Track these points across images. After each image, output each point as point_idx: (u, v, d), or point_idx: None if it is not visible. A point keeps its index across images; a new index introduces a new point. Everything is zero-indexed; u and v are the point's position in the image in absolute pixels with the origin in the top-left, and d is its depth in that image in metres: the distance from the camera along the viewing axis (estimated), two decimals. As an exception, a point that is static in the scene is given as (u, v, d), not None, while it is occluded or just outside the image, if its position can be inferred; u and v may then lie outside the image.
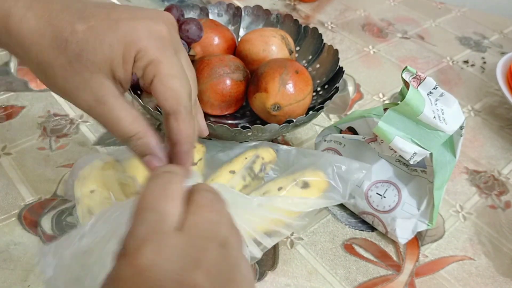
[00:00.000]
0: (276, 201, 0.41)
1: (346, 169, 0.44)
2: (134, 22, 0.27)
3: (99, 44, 0.26)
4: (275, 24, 0.66)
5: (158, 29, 0.28)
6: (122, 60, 0.27)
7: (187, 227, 0.24)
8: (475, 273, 0.48)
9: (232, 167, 0.45)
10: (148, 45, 0.27)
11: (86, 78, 0.27)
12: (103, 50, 0.26)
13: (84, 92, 0.27)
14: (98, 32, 0.26)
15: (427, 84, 0.43)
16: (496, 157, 0.62)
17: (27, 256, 0.44)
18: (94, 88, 0.27)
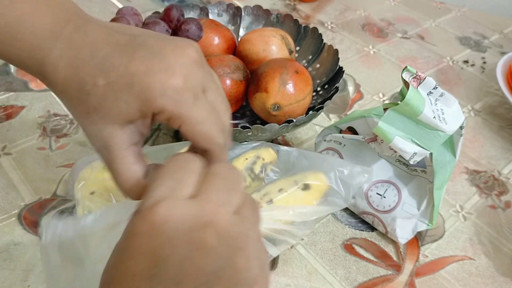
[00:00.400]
0: (276, 213, 0.41)
1: (348, 174, 0.44)
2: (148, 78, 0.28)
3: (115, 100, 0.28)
4: (275, 24, 0.66)
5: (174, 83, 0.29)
6: (139, 115, 0.29)
7: (201, 194, 0.25)
8: (475, 273, 0.48)
9: (232, 168, 0.45)
10: (164, 103, 0.28)
11: (100, 128, 0.29)
12: (119, 105, 0.28)
13: (96, 139, 0.29)
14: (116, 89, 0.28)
15: (427, 84, 0.43)
16: (496, 157, 0.62)
17: (27, 256, 0.44)
18: (104, 138, 0.29)
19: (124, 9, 0.51)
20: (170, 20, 0.52)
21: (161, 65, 0.29)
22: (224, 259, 0.24)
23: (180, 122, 0.29)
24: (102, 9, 0.81)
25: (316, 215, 0.43)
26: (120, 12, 0.51)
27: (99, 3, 0.82)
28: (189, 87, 0.29)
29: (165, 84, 0.28)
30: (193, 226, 0.24)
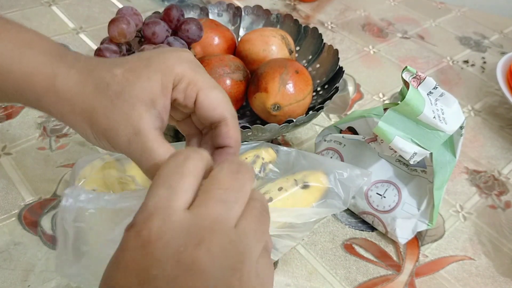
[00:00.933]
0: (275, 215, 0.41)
1: (348, 176, 0.44)
2: (164, 55, 0.30)
3: (137, 79, 0.29)
4: (275, 24, 0.66)
5: (186, 55, 0.31)
6: (161, 88, 0.29)
7: (196, 206, 0.24)
8: (475, 273, 0.48)
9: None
10: (183, 69, 0.30)
11: (127, 112, 0.28)
12: (142, 83, 0.29)
13: (125, 126, 0.29)
14: (135, 70, 0.29)
15: (427, 84, 0.43)
16: (496, 157, 0.62)
17: (27, 256, 0.44)
18: (134, 121, 0.28)
19: (124, 9, 0.51)
20: (170, 20, 0.52)
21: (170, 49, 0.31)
22: (217, 280, 0.22)
23: (198, 88, 0.30)
24: (102, 9, 0.81)
25: (315, 217, 0.43)
26: (120, 12, 0.51)
27: (99, 3, 0.83)
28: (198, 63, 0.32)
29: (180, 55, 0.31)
30: (185, 245, 0.22)
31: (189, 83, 0.30)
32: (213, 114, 0.30)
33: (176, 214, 0.23)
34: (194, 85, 0.30)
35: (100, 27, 0.77)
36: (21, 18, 0.76)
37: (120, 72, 0.29)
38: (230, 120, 0.31)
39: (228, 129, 0.31)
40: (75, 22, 0.77)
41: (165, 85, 0.29)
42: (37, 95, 0.30)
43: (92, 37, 0.74)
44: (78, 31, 0.75)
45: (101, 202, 0.32)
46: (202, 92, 0.30)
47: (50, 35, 0.73)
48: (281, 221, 0.41)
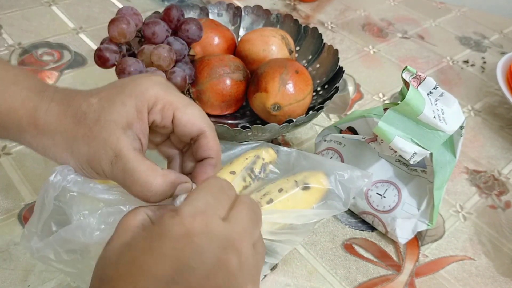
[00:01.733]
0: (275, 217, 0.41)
1: (348, 177, 0.44)
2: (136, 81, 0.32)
3: (112, 105, 0.30)
4: (275, 24, 0.66)
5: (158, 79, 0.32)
6: (136, 112, 0.30)
7: (232, 219, 0.27)
8: (475, 273, 0.48)
9: (233, 168, 0.45)
10: (156, 91, 0.31)
11: (106, 137, 0.30)
12: (117, 108, 0.30)
13: (106, 150, 0.30)
14: (110, 97, 0.31)
15: (427, 84, 0.43)
16: (496, 157, 0.62)
17: (27, 256, 0.44)
18: (113, 144, 0.30)
19: (124, 9, 0.51)
20: (170, 20, 0.52)
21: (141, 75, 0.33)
22: (239, 285, 0.25)
23: (174, 107, 0.31)
24: (102, 9, 0.81)
25: (316, 218, 0.43)
26: (120, 12, 0.51)
27: (99, 3, 0.83)
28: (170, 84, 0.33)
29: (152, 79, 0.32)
30: (223, 247, 0.25)
31: (164, 104, 0.31)
32: (192, 129, 0.32)
33: (218, 220, 0.26)
34: (169, 105, 0.31)
35: (100, 27, 0.77)
36: (21, 18, 0.76)
37: (96, 101, 0.31)
38: (209, 132, 0.32)
39: (208, 140, 0.32)
40: (75, 22, 0.77)
41: (140, 109, 0.31)
42: (20, 129, 0.31)
43: (92, 37, 0.74)
44: (78, 31, 0.75)
45: (85, 188, 0.33)
46: (178, 111, 0.31)
47: (50, 35, 0.73)
48: (281, 223, 0.41)
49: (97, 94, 0.31)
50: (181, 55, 0.52)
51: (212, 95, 0.53)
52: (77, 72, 0.67)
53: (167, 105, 0.31)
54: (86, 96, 0.31)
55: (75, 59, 0.69)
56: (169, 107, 0.31)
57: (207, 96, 0.54)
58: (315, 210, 0.43)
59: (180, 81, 0.50)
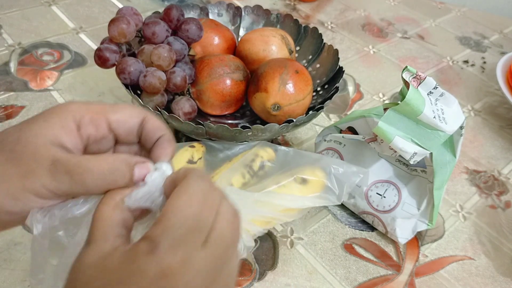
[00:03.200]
0: (273, 197, 0.41)
1: (343, 172, 0.44)
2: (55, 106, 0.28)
3: (32, 124, 0.27)
4: (275, 24, 0.66)
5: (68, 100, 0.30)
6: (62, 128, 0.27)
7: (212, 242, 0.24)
8: (475, 273, 0.48)
9: (231, 166, 0.45)
10: (78, 106, 0.28)
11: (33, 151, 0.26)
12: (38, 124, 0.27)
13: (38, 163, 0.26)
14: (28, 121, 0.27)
15: (427, 84, 0.43)
16: (496, 157, 0.62)
17: (27, 256, 0.44)
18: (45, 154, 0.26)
19: (124, 9, 0.51)
20: (170, 20, 0.52)
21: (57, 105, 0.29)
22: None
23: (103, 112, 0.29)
24: (102, 9, 0.81)
25: (308, 204, 0.43)
26: (120, 12, 0.51)
27: (99, 3, 0.83)
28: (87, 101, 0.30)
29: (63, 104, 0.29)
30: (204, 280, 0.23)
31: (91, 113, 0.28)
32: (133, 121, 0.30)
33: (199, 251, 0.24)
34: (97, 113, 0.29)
35: (100, 27, 0.77)
36: (21, 18, 0.76)
37: (13, 127, 0.27)
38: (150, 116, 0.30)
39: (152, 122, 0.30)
40: (75, 22, 0.77)
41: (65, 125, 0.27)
42: None
43: (92, 37, 0.74)
44: (78, 31, 0.75)
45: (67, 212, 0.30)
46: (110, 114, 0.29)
47: (50, 35, 0.73)
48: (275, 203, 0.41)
49: (14, 126, 0.27)
50: (181, 55, 0.52)
51: (212, 95, 0.53)
52: (77, 72, 0.67)
53: (95, 114, 0.28)
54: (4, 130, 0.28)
55: (75, 59, 0.69)
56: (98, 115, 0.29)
57: (207, 96, 0.54)
58: (308, 197, 0.43)
59: (180, 81, 0.50)
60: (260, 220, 0.42)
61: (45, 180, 0.26)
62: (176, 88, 0.51)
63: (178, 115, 0.51)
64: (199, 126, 0.47)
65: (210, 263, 0.24)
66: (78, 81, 0.65)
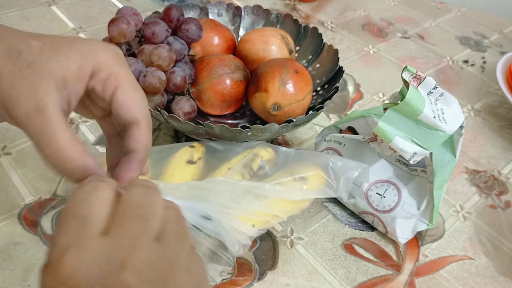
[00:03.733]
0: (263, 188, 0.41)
1: (341, 165, 0.45)
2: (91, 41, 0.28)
3: (54, 54, 0.26)
4: (275, 23, 0.66)
5: (114, 48, 0.29)
6: (77, 71, 0.27)
7: (113, 229, 0.23)
8: (475, 273, 0.48)
9: (231, 166, 0.45)
10: (107, 58, 0.28)
11: (34, 84, 0.25)
12: (58, 59, 0.26)
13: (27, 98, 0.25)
14: (54, 46, 0.27)
15: (427, 84, 0.43)
16: (496, 157, 0.62)
17: (27, 256, 0.44)
18: (38, 95, 0.25)
19: (124, 9, 0.51)
20: (170, 20, 0.52)
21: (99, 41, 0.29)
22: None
23: (118, 82, 0.28)
24: (102, 9, 0.81)
25: (305, 197, 0.43)
26: (120, 12, 0.51)
27: (99, 3, 0.83)
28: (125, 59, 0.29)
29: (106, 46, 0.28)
30: (108, 272, 0.21)
31: (110, 74, 0.27)
32: (127, 114, 0.28)
33: (93, 241, 0.22)
34: (114, 78, 0.28)
35: (100, 27, 0.77)
36: (21, 18, 0.76)
37: (37, 45, 0.26)
38: (143, 124, 0.28)
39: (140, 132, 0.28)
40: (75, 22, 0.77)
41: (83, 69, 0.27)
42: None
43: (92, 37, 0.74)
44: (78, 31, 0.75)
45: None
46: (120, 88, 0.28)
47: (50, 35, 0.73)
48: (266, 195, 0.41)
49: (41, 38, 0.27)
50: (181, 55, 0.52)
51: (212, 95, 0.53)
52: (77, 72, 0.67)
53: (112, 76, 0.27)
54: (27, 37, 0.27)
55: (75, 59, 0.69)
56: (114, 80, 0.28)
57: (207, 96, 0.54)
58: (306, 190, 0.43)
59: (180, 81, 0.50)
60: (253, 218, 0.42)
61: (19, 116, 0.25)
62: (176, 88, 0.51)
63: (178, 115, 0.51)
64: (199, 126, 0.47)
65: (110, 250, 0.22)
66: (78, 81, 0.65)
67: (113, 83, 0.28)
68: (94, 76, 0.27)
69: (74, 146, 0.26)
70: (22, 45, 0.26)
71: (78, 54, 0.27)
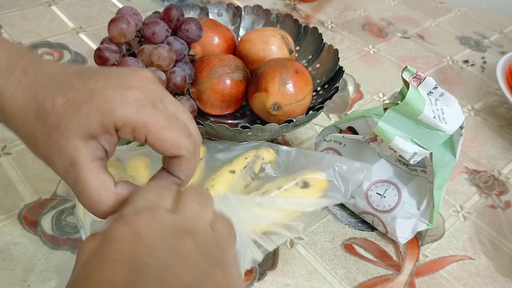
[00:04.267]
0: (277, 201, 0.41)
1: (348, 169, 0.44)
2: (107, 91, 0.28)
3: (76, 114, 0.28)
4: (275, 23, 0.66)
5: (131, 93, 0.29)
6: (100, 128, 0.28)
7: (178, 209, 0.27)
8: (475, 273, 0.48)
9: (232, 167, 0.45)
10: (125, 113, 0.28)
11: (63, 144, 0.28)
12: (79, 118, 0.28)
13: (61, 157, 0.28)
14: (75, 104, 0.28)
15: (427, 84, 0.43)
16: (496, 157, 0.62)
17: (27, 256, 0.44)
18: (69, 153, 0.28)
19: (124, 9, 0.51)
20: (170, 20, 0.52)
21: (118, 81, 0.29)
22: (203, 269, 0.24)
23: (145, 131, 0.28)
24: (102, 9, 0.81)
25: (315, 206, 0.43)
26: (120, 12, 0.51)
27: (99, 3, 0.82)
28: (147, 97, 0.29)
29: (123, 94, 0.28)
30: (174, 234, 0.25)
31: (134, 127, 0.28)
32: (166, 154, 0.30)
33: (164, 212, 0.26)
34: (140, 128, 0.28)
35: (100, 27, 0.77)
36: (21, 18, 0.76)
37: (61, 103, 0.28)
38: (186, 156, 0.30)
39: (181, 164, 0.30)
40: (75, 22, 0.77)
41: (105, 126, 0.28)
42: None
43: (92, 37, 0.74)
44: (78, 31, 0.75)
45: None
46: (150, 136, 0.28)
47: (50, 35, 0.73)
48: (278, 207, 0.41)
49: (65, 92, 0.29)
50: (181, 55, 0.52)
51: (212, 95, 0.53)
52: (77, 72, 0.67)
53: (137, 128, 0.28)
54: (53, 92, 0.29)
55: (75, 59, 0.69)
56: (140, 130, 0.28)
57: (207, 96, 0.54)
58: (315, 199, 0.43)
59: (180, 81, 0.50)
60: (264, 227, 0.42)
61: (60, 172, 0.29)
62: (176, 88, 0.51)
63: (178, 115, 0.51)
64: (199, 126, 0.47)
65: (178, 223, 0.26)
66: (78, 81, 0.65)
67: (142, 133, 0.28)
68: (120, 131, 0.29)
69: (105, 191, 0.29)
70: (49, 104, 0.28)
71: (97, 113, 0.28)
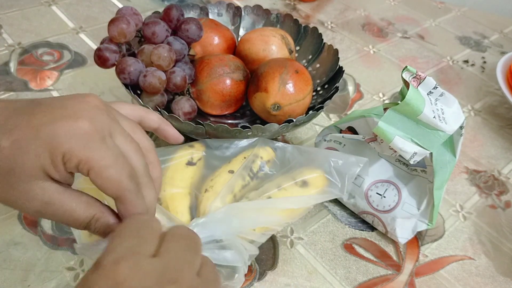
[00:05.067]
0: (276, 203, 0.41)
1: (343, 163, 0.44)
2: (53, 126, 0.27)
3: (26, 156, 0.27)
4: (275, 23, 0.66)
5: (78, 126, 0.28)
6: (52, 165, 0.27)
7: (162, 252, 0.25)
8: (475, 273, 0.48)
9: (231, 167, 0.45)
10: (71, 146, 0.27)
11: (26, 189, 0.27)
12: (31, 160, 0.27)
13: (30, 201, 0.27)
14: (22, 145, 0.27)
15: (427, 84, 0.43)
16: (496, 156, 0.62)
17: (27, 256, 0.44)
18: (38, 195, 0.27)
19: (124, 9, 0.51)
20: (170, 20, 0.52)
21: (64, 112, 0.28)
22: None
23: (88, 167, 0.27)
24: (102, 9, 0.81)
25: (313, 202, 0.43)
26: (120, 12, 0.51)
27: (99, 3, 0.83)
28: (95, 130, 0.28)
29: (70, 128, 0.28)
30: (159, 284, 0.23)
31: (79, 161, 0.27)
32: (107, 193, 0.29)
33: (146, 259, 0.24)
34: (84, 163, 0.27)
35: (100, 27, 0.77)
36: (21, 18, 0.76)
37: (7, 145, 0.27)
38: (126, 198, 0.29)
39: (124, 206, 0.29)
40: (75, 22, 0.77)
41: (55, 164, 0.27)
42: None
43: (92, 37, 0.74)
44: (78, 31, 0.75)
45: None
46: (93, 172, 0.28)
47: (50, 35, 0.73)
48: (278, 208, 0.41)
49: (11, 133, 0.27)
50: (181, 55, 0.52)
51: (212, 95, 0.53)
52: (77, 72, 0.67)
53: (81, 163, 0.27)
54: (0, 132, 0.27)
55: (75, 59, 0.69)
56: (84, 165, 0.27)
57: (207, 96, 0.54)
58: (312, 196, 0.43)
59: (180, 81, 0.50)
60: (263, 227, 0.42)
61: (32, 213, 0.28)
62: (176, 88, 0.51)
63: (178, 115, 0.51)
64: (199, 126, 0.47)
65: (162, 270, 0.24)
66: (78, 81, 0.65)
67: (85, 168, 0.28)
68: (66, 166, 0.28)
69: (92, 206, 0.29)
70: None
71: (46, 151, 0.27)
